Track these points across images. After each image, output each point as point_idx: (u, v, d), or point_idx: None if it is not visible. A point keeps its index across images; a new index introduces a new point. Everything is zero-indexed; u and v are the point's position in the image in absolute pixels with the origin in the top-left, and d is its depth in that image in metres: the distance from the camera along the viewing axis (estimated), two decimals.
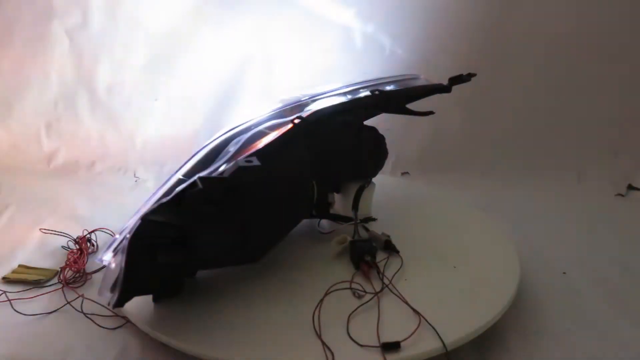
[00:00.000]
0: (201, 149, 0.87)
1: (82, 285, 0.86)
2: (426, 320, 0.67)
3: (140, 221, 0.63)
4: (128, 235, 0.63)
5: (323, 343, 0.64)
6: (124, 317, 0.75)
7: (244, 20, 1.54)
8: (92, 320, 0.77)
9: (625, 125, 1.49)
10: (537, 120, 1.53)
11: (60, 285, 0.86)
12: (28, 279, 0.88)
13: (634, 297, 0.89)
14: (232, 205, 0.69)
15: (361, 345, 0.64)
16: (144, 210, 0.71)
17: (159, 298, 0.74)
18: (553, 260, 1.00)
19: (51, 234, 1.04)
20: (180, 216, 0.65)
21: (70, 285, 0.86)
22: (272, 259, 0.82)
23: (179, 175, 0.82)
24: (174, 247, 0.66)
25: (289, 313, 0.70)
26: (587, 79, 1.50)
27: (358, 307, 0.70)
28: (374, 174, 0.97)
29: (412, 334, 0.65)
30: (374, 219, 0.94)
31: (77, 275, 0.88)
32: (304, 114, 0.82)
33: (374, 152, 0.96)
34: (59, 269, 0.90)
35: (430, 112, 1.02)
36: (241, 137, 0.83)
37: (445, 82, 0.97)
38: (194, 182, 0.65)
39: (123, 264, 0.63)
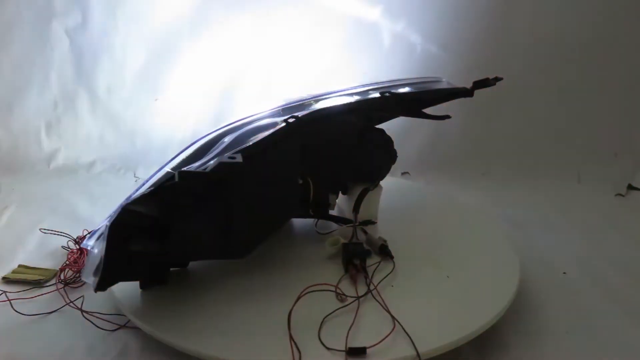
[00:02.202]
0: (194, 143, 0.87)
1: (82, 285, 0.86)
2: (402, 326, 0.66)
3: (120, 210, 0.65)
4: (107, 223, 0.66)
5: (291, 337, 0.64)
6: (123, 316, 0.75)
7: (249, 18, 1.53)
8: (91, 322, 0.77)
9: (625, 126, 1.49)
10: (537, 120, 1.53)
11: (61, 285, 0.86)
12: (28, 279, 0.88)
13: (634, 297, 0.89)
14: (213, 200, 0.70)
15: (328, 349, 0.63)
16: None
17: (145, 286, 0.75)
18: (553, 260, 1.00)
19: (51, 234, 1.03)
20: (158, 207, 0.67)
21: (70, 285, 0.86)
22: (268, 256, 0.84)
23: (168, 168, 0.82)
24: (149, 237, 0.68)
25: (273, 311, 0.70)
26: (587, 80, 1.50)
27: (335, 310, 0.70)
28: (380, 177, 0.95)
29: (381, 341, 0.64)
30: (373, 223, 0.93)
31: (77, 275, 0.88)
32: (300, 113, 0.82)
33: (379, 155, 0.93)
34: (59, 269, 0.90)
35: (447, 117, 0.99)
36: (237, 132, 0.84)
37: (481, 82, 0.92)
38: (173, 176, 0.67)
39: (103, 250, 0.65)
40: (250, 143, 0.74)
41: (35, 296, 0.84)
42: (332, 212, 0.93)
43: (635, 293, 0.90)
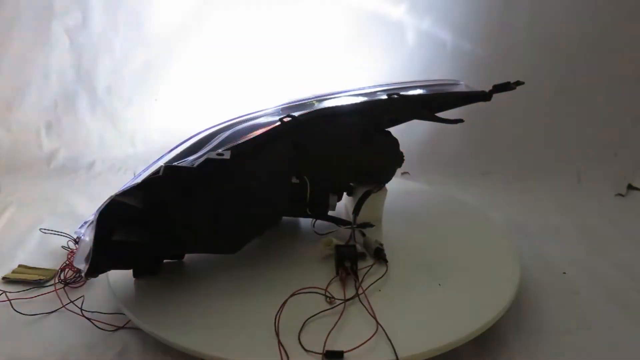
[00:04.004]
0: (192, 137, 0.87)
1: (82, 285, 0.87)
2: (384, 330, 0.65)
3: (108, 200, 0.67)
4: (96, 213, 0.68)
5: (279, 343, 0.63)
6: (123, 316, 0.75)
7: (254, 16, 1.53)
8: (91, 322, 0.77)
9: (625, 125, 1.49)
10: (537, 120, 1.53)
11: (61, 285, 0.86)
12: (28, 279, 0.88)
13: (634, 297, 0.89)
14: (200, 195, 0.71)
15: (306, 350, 0.63)
16: None
17: (138, 275, 0.77)
18: (553, 260, 1.00)
19: (51, 234, 1.04)
20: (145, 200, 0.69)
21: (70, 285, 0.86)
22: (265, 254, 0.85)
23: (163, 161, 0.82)
24: (135, 228, 0.70)
25: (265, 311, 0.70)
26: (587, 79, 1.50)
27: (319, 312, 0.69)
28: (385, 180, 0.94)
29: (360, 345, 0.63)
30: (371, 225, 0.91)
31: (77, 275, 0.88)
32: (297, 112, 0.82)
33: (383, 157, 0.92)
34: (59, 269, 0.90)
35: (460, 120, 0.97)
36: (234, 128, 0.84)
37: (510, 85, 0.91)
38: (158, 169, 0.68)
39: (92, 238, 0.67)
40: (242, 140, 0.75)
41: (35, 296, 0.83)
42: (332, 213, 0.93)
43: (635, 293, 0.90)
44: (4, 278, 0.89)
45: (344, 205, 0.99)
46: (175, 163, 0.72)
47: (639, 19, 1.46)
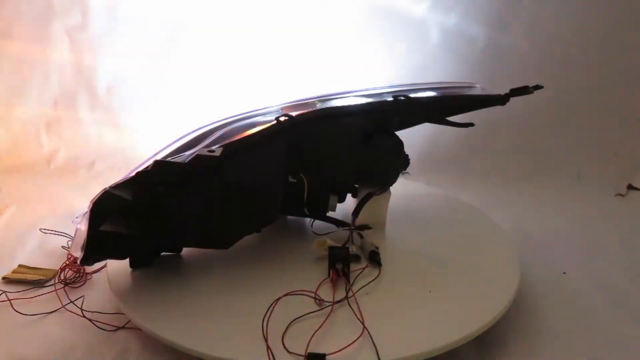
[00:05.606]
0: (189, 134, 0.87)
1: (82, 285, 0.87)
2: (370, 334, 0.65)
3: (102, 192, 0.70)
4: (90, 203, 0.70)
5: (268, 347, 0.63)
6: (123, 316, 0.75)
7: (258, 14, 1.53)
8: (91, 322, 0.77)
9: (625, 125, 1.50)
10: (537, 120, 1.53)
11: (61, 285, 0.86)
12: (28, 279, 0.88)
13: (634, 297, 0.89)
14: (191, 191, 0.72)
15: (289, 352, 0.62)
16: None
17: (134, 265, 0.79)
18: (553, 260, 1.00)
19: (51, 234, 1.04)
20: (136, 193, 0.71)
21: (70, 285, 0.86)
22: (263, 253, 0.85)
23: (160, 155, 0.82)
24: (124, 219, 0.71)
25: (251, 309, 0.70)
26: (587, 79, 1.50)
27: (306, 314, 0.69)
28: (389, 182, 0.94)
29: (343, 348, 0.62)
30: (369, 228, 0.90)
31: (77, 275, 0.88)
32: (295, 112, 0.81)
33: (386, 159, 0.91)
34: (59, 269, 0.90)
35: (470, 124, 0.96)
36: (232, 125, 0.84)
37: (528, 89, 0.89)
38: (150, 164, 0.70)
39: (86, 227, 0.69)
40: (236, 138, 0.75)
41: (35, 296, 0.83)
42: (339, 215, 0.92)
43: (635, 293, 0.90)
44: (4, 278, 0.89)
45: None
46: (169, 158, 0.73)
47: (638, 18, 1.46)
